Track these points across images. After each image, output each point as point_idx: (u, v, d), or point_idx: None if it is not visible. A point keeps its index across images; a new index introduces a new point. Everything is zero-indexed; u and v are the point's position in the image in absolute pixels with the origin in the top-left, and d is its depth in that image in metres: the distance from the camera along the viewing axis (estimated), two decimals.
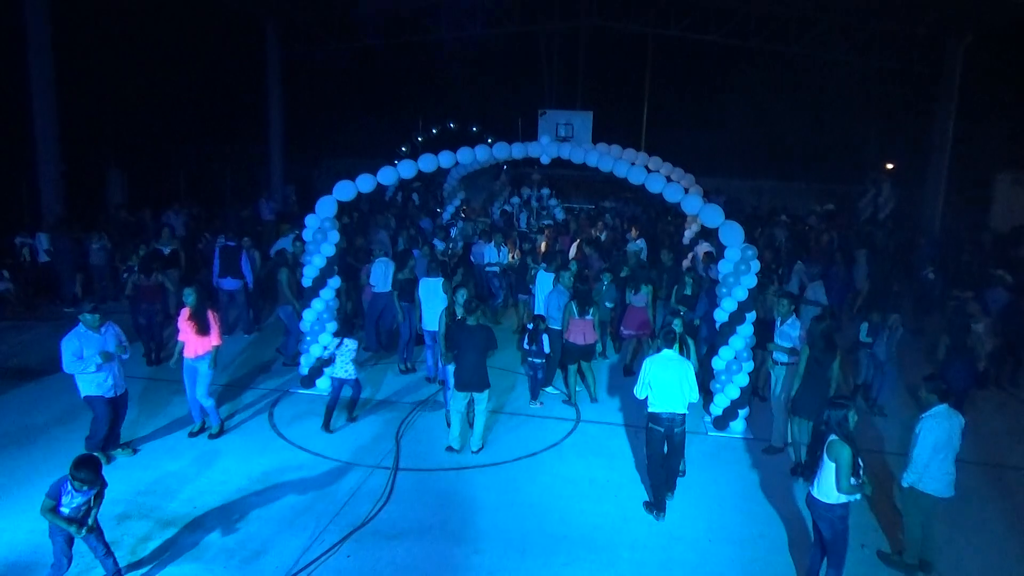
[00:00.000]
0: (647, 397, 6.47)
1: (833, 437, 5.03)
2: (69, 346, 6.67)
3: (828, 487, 5.04)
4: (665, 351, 6.52)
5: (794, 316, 7.89)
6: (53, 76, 14.82)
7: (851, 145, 27.14)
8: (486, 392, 7.50)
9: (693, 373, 6.51)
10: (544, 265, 10.55)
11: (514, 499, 6.65)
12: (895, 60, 20.66)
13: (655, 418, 6.42)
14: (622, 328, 10.05)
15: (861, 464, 5.04)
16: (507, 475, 7.14)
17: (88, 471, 4.77)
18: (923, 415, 5.58)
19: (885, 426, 8.59)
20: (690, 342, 7.38)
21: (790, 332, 7.75)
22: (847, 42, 20.73)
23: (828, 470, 5.03)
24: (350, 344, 7.98)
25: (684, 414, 6.45)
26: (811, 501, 5.24)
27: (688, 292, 9.90)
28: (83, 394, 6.87)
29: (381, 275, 10.32)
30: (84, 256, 12.96)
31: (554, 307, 9.27)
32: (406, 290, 9.90)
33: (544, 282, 10.12)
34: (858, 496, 5.04)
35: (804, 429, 6.99)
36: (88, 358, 6.69)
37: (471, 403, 7.62)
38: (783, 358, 7.78)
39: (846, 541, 5.16)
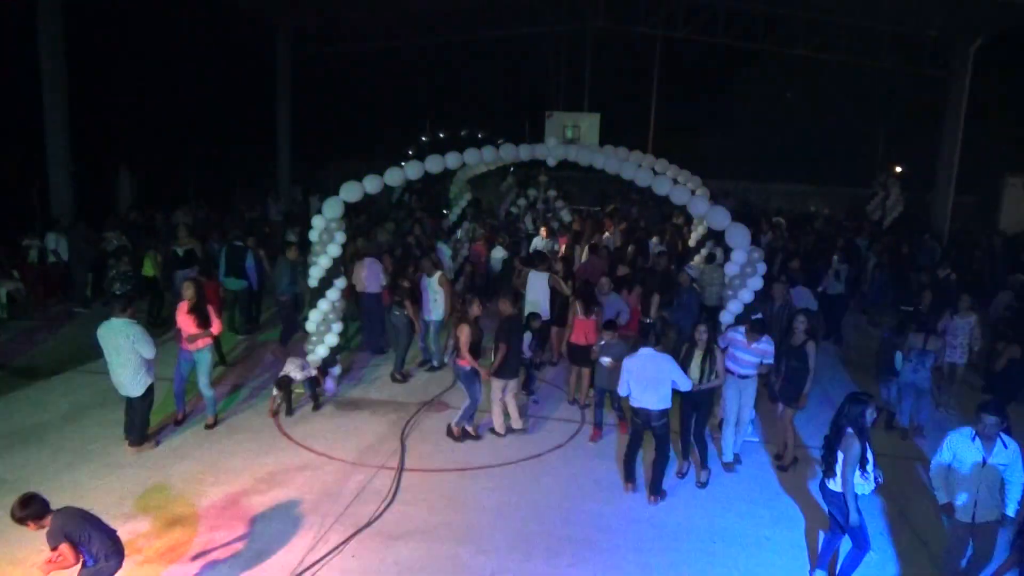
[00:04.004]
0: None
1: (849, 430, 5.13)
2: (151, 343, 7.13)
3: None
4: (643, 349, 6.65)
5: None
6: (65, 78, 14.94)
7: (860, 147, 27.03)
8: None
9: (673, 366, 6.54)
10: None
11: (519, 500, 6.65)
12: (904, 62, 20.54)
13: (635, 411, 6.73)
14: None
15: (871, 460, 5.13)
16: (512, 476, 7.14)
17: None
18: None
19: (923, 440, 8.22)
20: (717, 353, 7.01)
21: (766, 348, 7.21)
22: (856, 44, 20.62)
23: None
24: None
25: (663, 409, 6.54)
26: (826, 491, 5.36)
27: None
28: (148, 383, 7.20)
29: (371, 275, 10.35)
30: (98, 257, 13.04)
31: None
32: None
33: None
34: (867, 491, 5.15)
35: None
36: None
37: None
38: (749, 371, 7.28)
39: (864, 527, 5.22)
